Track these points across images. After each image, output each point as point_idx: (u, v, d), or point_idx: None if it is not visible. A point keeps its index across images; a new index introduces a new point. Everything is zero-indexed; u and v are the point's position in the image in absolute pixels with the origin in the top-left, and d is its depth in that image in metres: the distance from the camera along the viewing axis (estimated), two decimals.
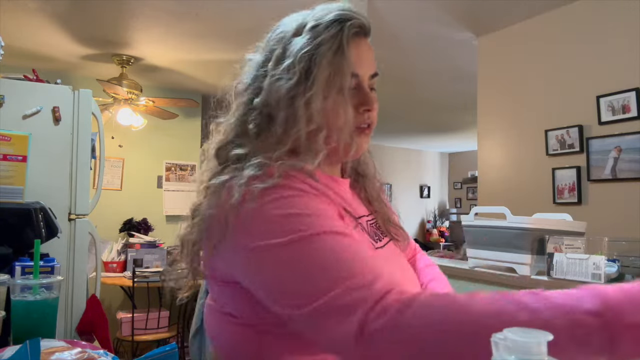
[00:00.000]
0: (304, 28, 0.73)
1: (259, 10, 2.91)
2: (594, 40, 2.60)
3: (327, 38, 0.70)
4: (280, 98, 0.70)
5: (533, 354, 0.40)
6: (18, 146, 1.70)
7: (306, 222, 0.62)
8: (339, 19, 0.72)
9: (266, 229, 0.62)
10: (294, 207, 0.63)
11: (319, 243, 0.60)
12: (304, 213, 0.63)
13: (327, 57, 0.70)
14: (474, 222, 1.74)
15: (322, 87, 0.69)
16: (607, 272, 1.36)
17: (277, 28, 0.79)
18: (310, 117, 0.69)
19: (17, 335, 0.93)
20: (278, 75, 0.71)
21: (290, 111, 0.70)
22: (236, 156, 0.72)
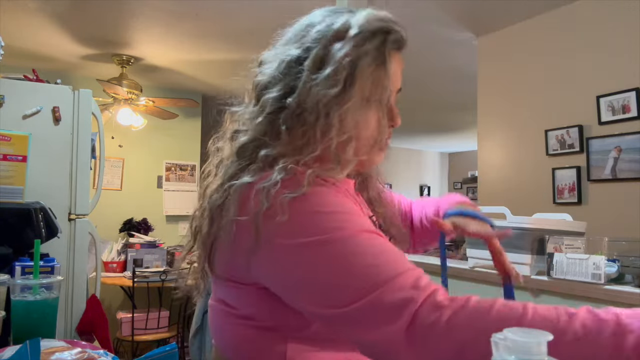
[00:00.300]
0: (346, 33, 0.70)
1: (259, 10, 2.91)
2: (594, 40, 2.60)
3: (371, 49, 0.69)
4: (317, 103, 0.68)
5: (533, 354, 0.40)
6: (18, 146, 1.70)
7: (343, 219, 0.62)
8: (382, 30, 0.71)
9: (301, 228, 0.61)
10: (329, 205, 0.63)
11: (358, 240, 0.60)
12: (339, 210, 0.63)
13: (370, 70, 0.69)
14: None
15: (360, 100, 0.69)
16: (607, 272, 1.36)
17: (309, 24, 0.75)
18: (344, 127, 0.69)
19: (17, 335, 0.93)
20: (318, 81, 0.68)
21: (325, 119, 0.68)
22: (265, 157, 0.69)
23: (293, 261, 0.61)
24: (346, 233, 0.60)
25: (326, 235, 0.60)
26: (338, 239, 0.60)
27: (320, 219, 0.62)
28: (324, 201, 0.64)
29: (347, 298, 0.57)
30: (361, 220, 0.64)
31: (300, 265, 0.61)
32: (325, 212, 0.62)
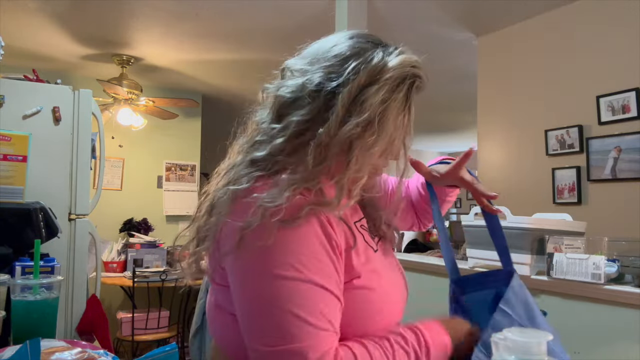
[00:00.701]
0: (380, 75, 0.72)
1: (259, 10, 2.91)
2: (594, 40, 2.60)
3: (401, 97, 0.73)
4: (346, 141, 0.71)
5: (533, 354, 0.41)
6: (18, 146, 1.70)
7: (306, 264, 0.65)
8: (413, 76, 0.75)
9: (272, 260, 0.65)
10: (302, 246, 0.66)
11: (303, 291, 0.64)
12: (308, 254, 0.66)
13: (398, 117, 0.73)
14: (474, 222, 1.74)
15: (383, 144, 0.73)
16: (607, 272, 1.36)
17: (338, 52, 0.75)
18: (361, 167, 0.72)
19: (17, 335, 0.93)
20: (352, 121, 0.70)
21: (348, 155, 0.71)
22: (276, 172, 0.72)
23: (251, 284, 0.66)
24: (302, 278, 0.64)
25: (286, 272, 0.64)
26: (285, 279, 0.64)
27: (292, 257, 0.65)
28: (303, 243, 0.66)
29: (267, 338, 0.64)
30: (321, 272, 0.66)
31: (252, 292, 0.66)
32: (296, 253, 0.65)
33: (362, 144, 0.71)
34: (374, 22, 2.84)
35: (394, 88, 0.73)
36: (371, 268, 0.75)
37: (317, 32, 0.86)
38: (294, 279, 0.64)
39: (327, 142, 0.70)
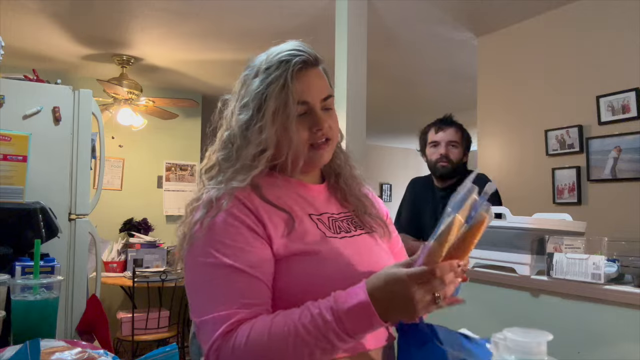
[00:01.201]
0: (260, 70, 0.89)
1: (259, 10, 2.91)
2: (594, 40, 2.60)
3: (275, 77, 0.86)
4: (238, 129, 0.89)
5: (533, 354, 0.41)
6: (18, 146, 1.69)
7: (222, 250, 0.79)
8: (285, 60, 0.87)
9: (200, 250, 0.81)
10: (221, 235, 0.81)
11: (219, 272, 0.79)
12: (226, 243, 0.80)
13: (275, 93, 0.86)
14: None
15: (271, 120, 0.86)
16: (607, 272, 1.36)
17: (246, 69, 0.94)
18: (259, 142, 0.86)
19: (17, 335, 0.93)
20: (238, 111, 0.90)
21: (244, 140, 0.88)
22: (209, 177, 0.91)
23: (186, 272, 0.83)
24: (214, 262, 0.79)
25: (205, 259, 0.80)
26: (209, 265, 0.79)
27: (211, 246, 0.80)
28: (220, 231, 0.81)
29: (196, 312, 0.79)
30: (236, 253, 0.79)
31: (186, 277, 0.83)
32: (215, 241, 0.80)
33: (251, 125, 0.87)
34: (374, 22, 2.84)
35: (270, 73, 0.87)
36: (314, 249, 0.84)
37: (317, 32, 0.88)
38: (213, 264, 0.79)
39: (232, 140, 0.90)
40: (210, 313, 0.76)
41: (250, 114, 0.88)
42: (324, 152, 0.92)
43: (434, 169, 2.16)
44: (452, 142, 2.13)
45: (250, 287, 0.78)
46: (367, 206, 1.01)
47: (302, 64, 0.88)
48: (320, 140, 0.90)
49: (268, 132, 0.86)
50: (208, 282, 0.79)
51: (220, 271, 0.78)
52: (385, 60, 3.72)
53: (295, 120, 0.87)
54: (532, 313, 1.54)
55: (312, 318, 0.71)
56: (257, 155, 0.87)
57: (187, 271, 0.83)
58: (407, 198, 2.35)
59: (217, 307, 0.76)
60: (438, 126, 2.16)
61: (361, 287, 0.72)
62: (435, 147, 2.15)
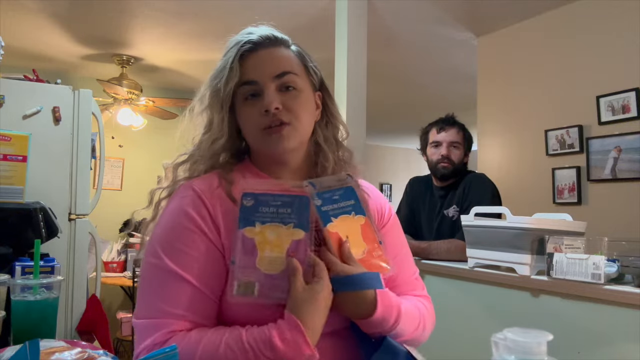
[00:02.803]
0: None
1: (259, 10, 2.91)
2: (594, 40, 2.60)
3: (223, 62, 0.84)
4: (200, 121, 0.87)
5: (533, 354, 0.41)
6: (18, 146, 1.69)
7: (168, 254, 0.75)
8: (234, 44, 0.84)
9: (152, 245, 0.78)
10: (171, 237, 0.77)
11: (160, 278, 0.75)
12: (176, 248, 0.76)
13: (224, 77, 0.82)
14: (474, 222, 1.74)
15: (219, 104, 0.82)
16: (607, 272, 1.36)
17: None
18: (207, 129, 0.84)
19: (17, 335, 0.93)
20: (199, 103, 0.88)
21: (202, 128, 0.86)
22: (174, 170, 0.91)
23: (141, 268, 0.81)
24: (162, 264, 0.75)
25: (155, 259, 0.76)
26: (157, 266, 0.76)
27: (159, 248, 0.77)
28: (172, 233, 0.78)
29: (135, 311, 0.77)
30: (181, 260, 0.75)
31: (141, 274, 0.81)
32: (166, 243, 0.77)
33: (203, 112, 0.86)
34: (374, 22, 2.84)
35: (221, 60, 0.85)
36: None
37: (317, 32, 0.88)
38: (158, 267, 0.75)
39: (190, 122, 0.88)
40: (146, 317, 0.73)
41: (206, 104, 0.86)
42: (280, 137, 0.80)
43: (434, 170, 2.15)
44: (454, 143, 2.12)
45: (193, 299, 0.73)
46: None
47: (250, 45, 0.83)
48: (274, 124, 0.80)
49: (217, 118, 0.83)
50: (149, 284, 0.76)
51: (164, 276, 0.74)
52: (385, 60, 3.72)
53: (243, 103, 0.82)
54: (532, 313, 1.54)
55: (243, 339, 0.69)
56: (212, 143, 0.83)
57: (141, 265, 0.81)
58: (405, 197, 2.35)
59: (154, 313, 0.73)
60: (440, 126, 2.15)
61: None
62: (437, 147, 2.13)
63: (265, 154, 0.85)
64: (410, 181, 2.39)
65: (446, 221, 2.11)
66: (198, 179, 0.83)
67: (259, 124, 0.81)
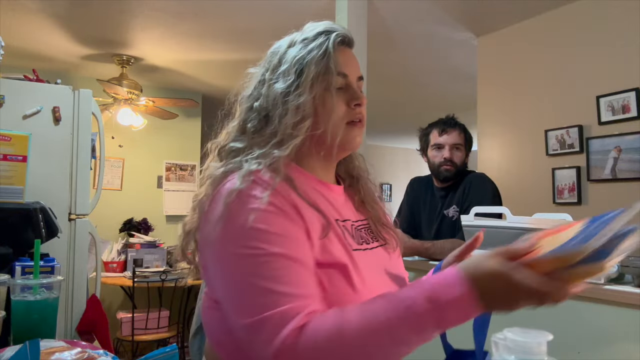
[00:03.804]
0: (296, 41, 0.85)
1: (259, 10, 2.91)
2: (594, 40, 2.60)
3: (316, 45, 0.82)
4: (275, 98, 0.81)
5: (533, 354, 0.41)
6: (18, 146, 1.69)
7: (270, 239, 0.69)
8: (325, 31, 0.85)
9: (237, 236, 0.70)
10: (267, 224, 0.70)
11: (273, 264, 0.68)
12: (272, 231, 0.70)
13: (316, 59, 0.81)
14: (474, 222, 1.74)
15: (311, 85, 0.80)
16: (607, 272, 1.36)
17: (273, 46, 0.89)
18: (297, 109, 0.79)
19: (17, 335, 0.93)
20: (274, 80, 0.82)
21: (283, 107, 0.80)
22: (231, 149, 0.83)
23: (225, 266, 0.71)
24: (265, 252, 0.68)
25: (250, 250, 0.69)
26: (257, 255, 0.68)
27: (255, 234, 0.69)
28: (264, 219, 0.71)
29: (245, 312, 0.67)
30: (286, 243, 0.70)
31: (226, 273, 0.71)
32: (258, 229, 0.70)
33: (291, 92, 0.79)
34: (374, 22, 2.84)
35: (309, 43, 0.83)
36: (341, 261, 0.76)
37: None
38: (260, 254, 0.68)
39: (264, 110, 0.82)
40: (270, 309, 0.64)
41: (291, 80, 0.80)
42: (359, 134, 0.85)
43: (437, 173, 2.14)
44: (456, 145, 2.11)
45: (309, 278, 0.69)
46: (380, 215, 0.94)
47: (343, 37, 0.85)
48: (357, 119, 0.85)
49: (306, 98, 0.79)
50: (259, 275, 0.67)
51: (273, 261, 0.68)
52: (385, 60, 3.72)
53: (329, 93, 0.81)
54: (533, 313, 1.54)
55: (407, 309, 0.62)
56: (297, 124, 0.79)
57: (221, 264, 0.71)
58: (406, 198, 2.35)
59: (279, 301, 0.65)
60: (442, 128, 2.14)
61: (457, 276, 0.62)
62: (439, 150, 2.12)
63: (327, 149, 0.83)
64: (410, 181, 2.39)
65: (446, 221, 2.10)
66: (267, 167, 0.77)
67: (344, 116, 0.83)
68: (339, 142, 0.83)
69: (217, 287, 0.74)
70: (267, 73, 0.84)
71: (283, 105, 0.80)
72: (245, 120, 0.84)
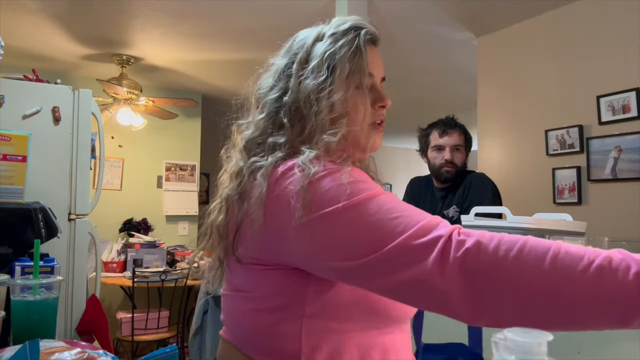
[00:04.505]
0: (324, 35, 0.82)
1: (259, 10, 2.91)
2: (594, 40, 2.60)
3: (346, 42, 0.80)
4: (308, 94, 0.78)
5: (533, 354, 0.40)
6: (18, 146, 1.69)
7: (366, 186, 0.68)
8: (355, 27, 0.82)
9: (334, 195, 0.66)
10: (352, 176, 0.69)
11: (382, 199, 0.66)
12: (361, 179, 0.69)
13: (348, 57, 0.79)
14: (474, 222, 1.74)
15: (343, 82, 0.78)
16: None
17: (296, 37, 0.86)
18: (333, 106, 0.77)
19: (17, 335, 0.93)
20: (305, 76, 0.79)
21: (318, 104, 0.77)
22: (273, 144, 0.78)
23: (332, 224, 0.66)
24: (372, 194, 0.66)
25: (357, 197, 0.66)
26: (365, 200, 0.66)
27: (351, 186, 0.67)
28: (347, 173, 0.69)
29: (381, 244, 0.61)
30: (378, 186, 0.70)
31: (339, 226, 0.65)
32: (351, 182, 0.68)
33: (323, 89, 0.77)
34: (374, 22, 2.84)
35: (338, 38, 0.80)
36: None
37: None
38: (377, 195, 0.66)
39: (296, 105, 0.78)
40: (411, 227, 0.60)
41: (324, 77, 0.77)
42: (380, 137, 0.84)
43: (437, 174, 2.14)
44: (457, 146, 2.11)
45: None
46: None
47: (371, 35, 0.84)
48: (379, 120, 0.83)
49: (341, 96, 0.77)
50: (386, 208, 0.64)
51: (389, 198, 0.67)
52: (385, 60, 3.70)
53: (358, 92, 0.80)
54: None
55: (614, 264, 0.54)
56: (334, 121, 0.77)
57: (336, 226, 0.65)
58: (406, 198, 2.35)
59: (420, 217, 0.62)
60: (442, 129, 2.14)
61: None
62: (440, 151, 2.12)
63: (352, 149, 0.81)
64: (410, 181, 2.39)
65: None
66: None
67: (369, 116, 0.82)
68: (361, 142, 0.81)
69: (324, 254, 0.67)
70: (295, 66, 0.81)
71: (317, 102, 0.77)
72: (274, 114, 0.81)
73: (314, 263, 0.69)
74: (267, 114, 0.81)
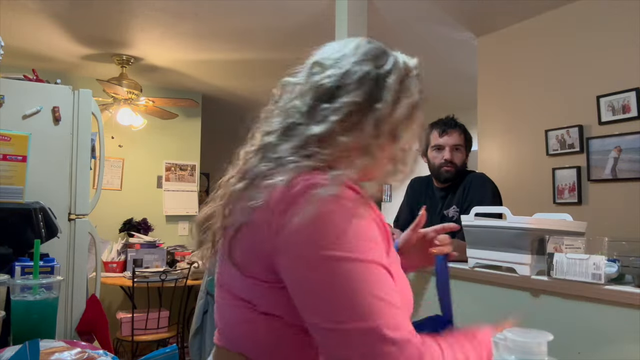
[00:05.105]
0: (410, 71, 0.86)
1: (259, 10, 2.91)
2: (594, 40, 2.60)
3: (413, 85, 0.84)
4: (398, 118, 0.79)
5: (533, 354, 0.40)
6: (18, 146, 1.69)
7: (369, 247, 0.68)
8: (416, 68, 0.88)
9: (336, 241, 0.65)
10: (364, 231, 0.68)
11: (375, 270, 0.66)
12: (370, 237, 0.69)
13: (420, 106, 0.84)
14: (474, 222, 1.73)
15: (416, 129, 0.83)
16: (607, 272, 1.36)
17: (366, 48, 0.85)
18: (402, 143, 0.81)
19: (17, 335, 0.93)
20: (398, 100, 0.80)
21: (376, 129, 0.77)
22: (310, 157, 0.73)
23: (319, 270, 0.65)
24: (368, 259, 0.66)
25: (352, 255, 0.65)
26: (360, 261, 0.65)
27: (355, 239, 0.66)
28: (362, 225, 0.68)
29: (351, 316, 0.63)
30: (381, 251, 0.70)
31: (322, 275, 0.65)
32: (359, 237, 0.67)
33: (406, 124, 0.80)
34: (374, 22, 2.84)
35: (410, 85, 0.83)
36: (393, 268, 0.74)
37: (317, 32, 0.88)
38: (363, 261, 0.66)
39: (385, 117, 0.78)
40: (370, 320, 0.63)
41: (388, 110, 0.78)
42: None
43: (437, 174, 2.14)
44: (457, 146, 2.10)
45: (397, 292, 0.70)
46: None
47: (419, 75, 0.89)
48: None
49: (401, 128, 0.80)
50: (362, 281, 0.64)
51: (378, 272, 0.67)
52: None
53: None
54: (532, 313, 1.54)
55: None
56: (405, 156, 0.82)
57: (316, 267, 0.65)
58: (406, 198, 2.35)
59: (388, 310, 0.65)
60: (442, 129, 2.13)
61: None
62: (439, 151, 2.12)
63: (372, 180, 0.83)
64: (410, 182, 2.39)
65: (446, 221, 2.09)
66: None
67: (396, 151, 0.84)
68: (394, 178, 0.84)
69: (302, 286, 0.67)
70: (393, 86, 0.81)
71: (376, 128, 0.77)
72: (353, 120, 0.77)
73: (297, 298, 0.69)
74: (343, 116, 0.76)
